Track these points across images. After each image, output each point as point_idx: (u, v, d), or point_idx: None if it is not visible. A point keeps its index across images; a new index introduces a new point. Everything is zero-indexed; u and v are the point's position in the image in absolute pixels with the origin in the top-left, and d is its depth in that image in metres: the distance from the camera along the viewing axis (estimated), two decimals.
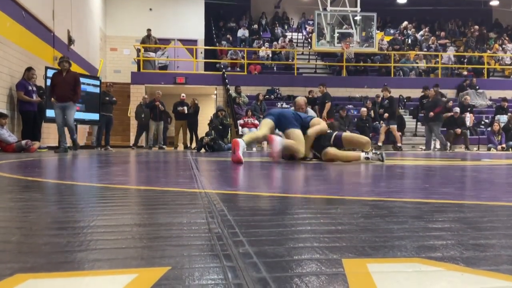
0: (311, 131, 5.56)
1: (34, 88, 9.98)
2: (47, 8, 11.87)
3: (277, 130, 5.82)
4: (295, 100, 6.76)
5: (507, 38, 21.95)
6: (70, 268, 0.91)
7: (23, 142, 9.04)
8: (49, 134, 11.70)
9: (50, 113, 10.66)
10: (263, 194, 2.23)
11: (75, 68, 13.64)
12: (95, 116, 12.45)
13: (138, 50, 17.35)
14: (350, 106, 16.39)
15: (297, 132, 5.51)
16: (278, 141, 5.14)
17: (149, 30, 17.44)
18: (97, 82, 12.75)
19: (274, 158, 5.24)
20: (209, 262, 0.95)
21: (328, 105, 12.95)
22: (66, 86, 9.00)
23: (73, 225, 1.37)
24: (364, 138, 5.87)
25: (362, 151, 5.58)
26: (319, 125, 5.69)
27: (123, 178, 3.30)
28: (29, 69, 9.88)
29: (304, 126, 5.66)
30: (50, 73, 10.70)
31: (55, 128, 11.45)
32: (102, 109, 12.70)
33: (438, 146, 14.11)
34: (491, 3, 23.26)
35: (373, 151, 5.60)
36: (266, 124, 5.63)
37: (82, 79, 12.01)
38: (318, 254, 1.00)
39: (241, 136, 13.73)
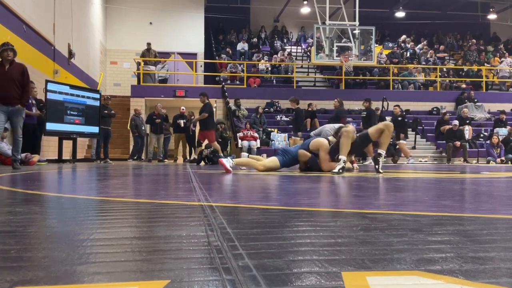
0: (322, 165, 6.19)
1: (34, 102, 10.00)
2: (47, 22, 11.95)
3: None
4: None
5: (506, 52, 22.09)
6: (69, 281, 0.91)
7: (23, 155, 9.03)
8: (49, 147, 11.71)
9: (50, 126, 10.70)
10: (262, 207, 2.23)
11: (74, 81, 13.71)
12: (95, 129, 12.46)
13: (138, 64, 17.42)
14: (350, 119, 16.42)
15: (272, 158, 6.56)
16: (224, 161, 6.17)
17: (149, 43, 17.53)
18: (97, 95, 12.78)
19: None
20: (209, 275, 0.95)
21: (204, 115, 11.79)
22: (11, 82, 6.83)
23: (72, 238, 1.37)
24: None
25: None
26: (320, 151, 6.19)
27: (122, 191, 3.30)
28: None
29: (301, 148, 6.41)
30: (50, 86, 10.76)
31: (55, 141, 11.49)
32: (101, 122, 12.71)
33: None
34: (489, 17, 23.44)
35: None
36: (271, 160, 6.57)
37: (82, 92, 12.10)
38: (318, 267, 1.00)
39: (240, 149, 13.79)
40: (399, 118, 14.11)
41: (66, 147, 11.89)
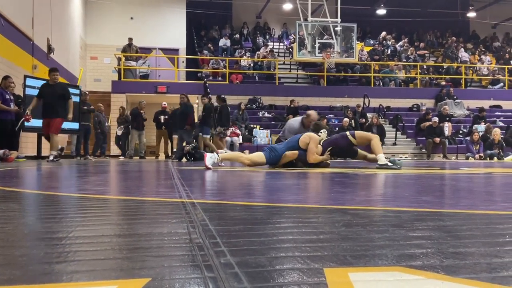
0: (309, 156, 6.31)
1: (12, 97, 9.82)
2: (26, 16, 11.74)
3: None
4: (309, 113, 7.71)
5: (483, 49, 22.45)
6: (47, 280, 0.89)
7: (1, 152, 8.88)
8: (27, 143, 11.53)
9: (28, 122, 10.50)
10: (245, 203, 2.23)
11: None
12: (75, 125, 12.29)
13: (119, 59, 17.24)
14: (331, 115, 16.53)
15: (259, 153, 6.50)
16: (208, 156, 6.09)
17: (130, 39, 17.36)
18: (77, 91, 12.62)
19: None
20: (190, 273, 0.94)
21: (71, 102, 9.89)
22: None
23: (51, 236, 1.35)
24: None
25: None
26: (310, 142, 6.30)
27: (102, 188, 3.26)
28: (6, 78, 9.73)
29: (290, 147, 6.39)
30: (29, 82, 10.57)
31: (33, 137, 11.31)
32: (81, 119, 12.53)
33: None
34: (468, 14, 23.75)
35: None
36: (257, 154, 6.52)
37: None
38: (300, 263, 1.00)
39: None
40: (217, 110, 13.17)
41: (45, 144, 11.71)
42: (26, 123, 9.80)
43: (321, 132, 6.64)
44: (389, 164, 6.10)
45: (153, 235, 1.34)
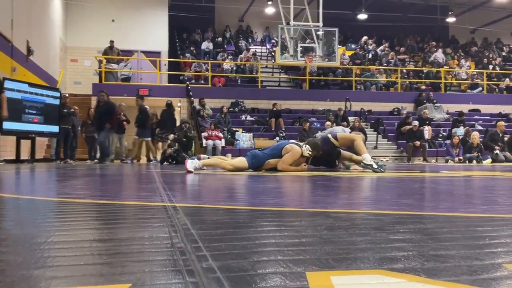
0: (279, 163, 6.27)
1: None
2: (5, 18, 11.56)
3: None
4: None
5: (462, 54, 22.80)
6: (25, 286, 0.88)
7: None
8: (6, 147, 11.34)
9: (7, 125, 10.35)
10: (227, 207, 2.22)
11: (33, 79, 13.34)
12: (55, 129, 12.14)
13: (100, 61, 17.07)
14: (314, 119, 16.62)
15: (241, 158, 6.54)
16: (189, 161, 6.18)
17: (111, 41, 17.21)
18: (57, 94, 12.46)
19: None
20: (172, 278, 0.93)
21: (3, 97, 9.28)
22: None
23: (29, 241, 1.32)
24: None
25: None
26: (289, 153, 6.24)
27: (82, 192, 3.22)
28: None
29: (273, 155, 6.40)
30: (8, 84, 10.40)
31: (12, 141, 11.13)
32: (61, 122, 12.36)
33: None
34: (448, 20, 24.10)
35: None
36: (239, 160, 6.56)
37: (41, 91, 11.77)
38: (282, 267, 1.00)
39: (205, 148, 13.73)
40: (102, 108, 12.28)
41: (25, 147, 11.54)
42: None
43: (305, 146, 6.37)
44: (374, 166, 6.10)
45: (134, 240, 1.32)
